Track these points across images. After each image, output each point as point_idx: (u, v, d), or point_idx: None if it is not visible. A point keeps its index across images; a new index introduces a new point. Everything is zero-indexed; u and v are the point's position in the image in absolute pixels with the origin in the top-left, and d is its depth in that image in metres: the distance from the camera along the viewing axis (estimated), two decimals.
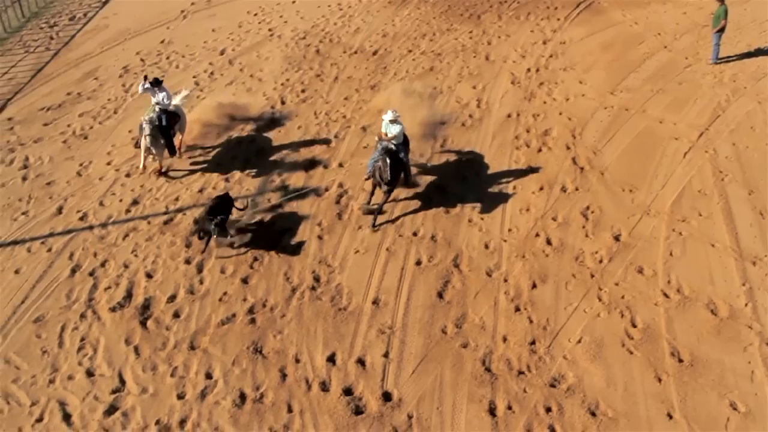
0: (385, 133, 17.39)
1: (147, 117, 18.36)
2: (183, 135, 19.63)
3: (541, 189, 17.92)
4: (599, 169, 18.52)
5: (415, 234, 16.70)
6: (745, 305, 14.38)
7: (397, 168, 16.95)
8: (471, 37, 26.26)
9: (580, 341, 13.80)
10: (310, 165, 19.31)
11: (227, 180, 18.78)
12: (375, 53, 25.42)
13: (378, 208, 17.13)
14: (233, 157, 19.74)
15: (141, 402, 13.03)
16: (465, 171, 18.76)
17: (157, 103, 18.74)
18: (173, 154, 19.12)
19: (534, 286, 15.15)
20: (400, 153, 17.30)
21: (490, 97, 22.21)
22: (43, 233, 17.24)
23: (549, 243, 16.28)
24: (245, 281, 15.61)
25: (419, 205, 17.54)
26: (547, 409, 12.58)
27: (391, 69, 24.29)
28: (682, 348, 13.54)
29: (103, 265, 16.21)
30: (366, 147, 19.81)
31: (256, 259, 16.17)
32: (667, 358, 13.36)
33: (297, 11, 29.12)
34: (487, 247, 16.28)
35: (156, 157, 18.71)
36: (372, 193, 17.49)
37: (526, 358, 13.53)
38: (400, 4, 29.36)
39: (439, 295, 15.05)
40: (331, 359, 13.73)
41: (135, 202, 18.08)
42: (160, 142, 18.49)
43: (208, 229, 15.97)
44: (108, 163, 19.55)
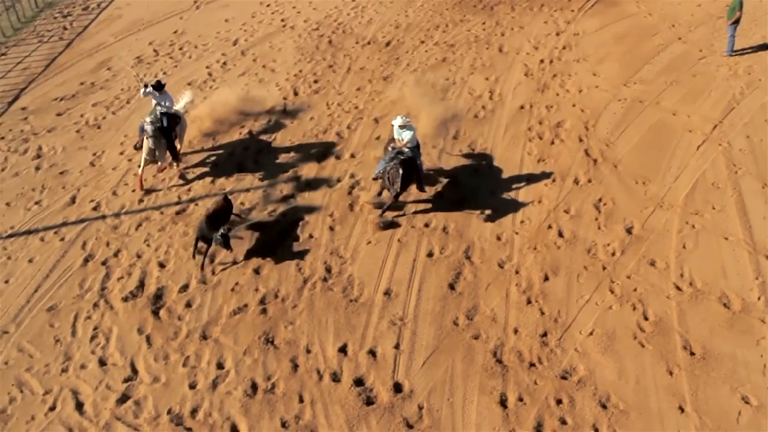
0: (398, 139, 17.07)
1: (148, 118, 18.03)
2: (182, 139, 19.24)
3: (553, 181, 17.88)
4: (612, 161, 18.45)
5: (426, 225, 16.69)
6: (758, 299, 14.31)
7: (409, 177, 16.67)
8: (484, 28, 26.17)
9: (591, 334, 13.78)
10: (322, 156, 19.31)
11: (240, 170, 18.83)
12: (388, 44, 25.38)
13: (385, 208, 16.94)
14: (245, 148, 19.77)
15: (153, 391, 13.10)
16: (477, 163, 18.73)
17: (158, 104, 18.40)
18: (175, 158, 18.80)
19: (546, 279, 15.13)
20: (417, 159, 16.99)
21: (503, 89, 22.14)
22: (57, 223, 17.32)
23: (561, 235, 16.24)
24: (257, 272, 15.64)
25: (431, 196, 17.51)
26: (558, 402, 12.57)
27: (404, 60, 24.24)
28: (694, 341, 13.50)
29: (115, 255, 16.29)
30: (378, 138, 19.80)
31: (267, 249, 16.19)
32: (679, 352, 13.32)
33: (310, 2, 29.06)
34: (499, 238, 16.25)
35: (158, 159, 18.33)
36: (380, 193, 17.35)
37: (537, 350, 13.52)
38: None
39: (451, 287, 15.05)
40: (343, 350, 13.76)
41: (148, 192, 18.13)
42: (162, 142, 18.17)
43: (209, 238, 15.52)
44: (121, 153, 19.61)
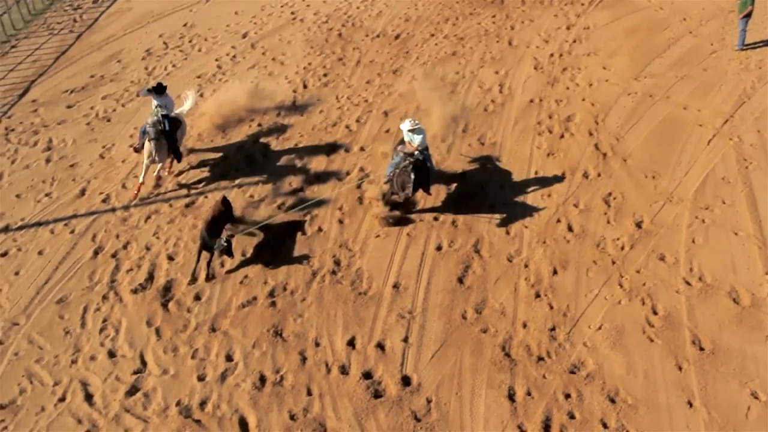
0: (409, 142, 16.70)
1: (150, 121, 17.79)
2: (181, 142, 18.83)
3: (563, 175, 17.83)
4: (622, 155, 18.40)
5: (435, 219, 16.68)
6: None
7: (420, 181, 16.45)
8: (494, 21, 26.10)
9: (600, 328, 13.76)
10: (331, 149, 19.31)
11: (249, 163, 18.85)
12: (397, 37, 25.34)
13: (391, 207, 16.81)
14: (255, 141, 19.79)
15: (162, 383, 13.14)
16: (487, 156, 18.70)
17: (158, 107, 18.07)
18: (179, 161, 18.63)
19: (555, 273, 15.11)
20: (427, 162, 16.75)
21: (513, 83, 22.09)
22: (66, 215, 17.38)
23: (570, 229, 16.21)
24: (266, 264, 15.66)
25: (440, 190, 17.49)
26: (567, 396, 12.57)
27: (414, 53, 24.21)
28: (704, 336, 13.47)
29: (125, 247, 16.33)
30: (388, 131, 19.79)
31: (277, 242, 16.22)
32: (688, 346, 13.30)
33: None
34: (508, 232, 16.23)
35: (158, 162, 18.00)
36: (391, 195, 16.99)
37: (545, 345, 13.51)
38: None
39: (460, 281, 15.04)
40: (351, 343, 13.78)
41: (157, 185, 18.17)
42: (164, 145, 17.86)
43: (211, 246, 15.35)
44: (131, 146, 19.60)
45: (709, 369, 12.85)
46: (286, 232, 16.47)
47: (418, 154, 16.57)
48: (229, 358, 13.58)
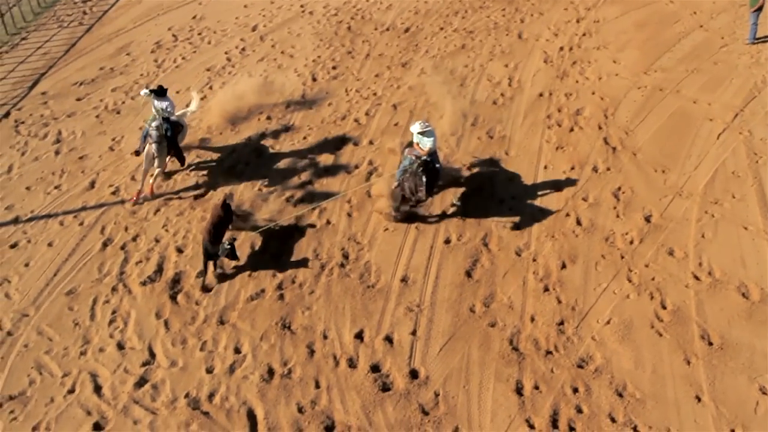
0: (417, 144, 16.20)
1: (154, 124, 17.44)
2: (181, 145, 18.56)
3: (572, 169, 17.80)
4: (631, 149, 18.34)
5: (444, 212, 16.66)
6: None
7: (432, 183, 16.20)
8: (504, 14, 26.04)
9: (608, 322, 13.74)
10: (340, 142, 19.31)
11: (258, 155, 18.87)
12: (407, 30, 25.30)
13: (398, 206, 16.43)
14: (264, 133, 19.79)
15: (170, 375, 13.18)
16: (495, 150, 18.66)
17: (159, 110, 17.78)
18: (183, 164, 18.40)
19: (563, 267, 15.09)
20: (436, 163, 16.40)
21: (522, 76, 22.04)
22: (76, 207, 17.43)
23: (579, 223, 16.18)
24: (274, 257, 15.68)
25: (449, 184, 17.47)
26: (575, 390, 12.56)
27: (423, 46, 24.17)
28: (712, 331, 13.44)
29: (134, 240, 16.38)
30: (397, 124, 19.78)
31: (285, 235, 16.23)
32: (696, 341, 13.27)
33: None
34: (516, 226, 16.16)
35: (157, 165, 17.68)
36: (401, 199, 16.43)
37: (554, 338, 13.50)
38: None
39: (468, 274, 15.04)
40: (359, 336, 13.80)
41: (166, 177, 18.19)
42: (164, 147, 17.56)
43: (215, 254, 15.07)
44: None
45: (717, 364, 12.83)
46: (295, 225, 16.49)
47: (426, 156, 16.16)
48: (237, 351, 13.61)
